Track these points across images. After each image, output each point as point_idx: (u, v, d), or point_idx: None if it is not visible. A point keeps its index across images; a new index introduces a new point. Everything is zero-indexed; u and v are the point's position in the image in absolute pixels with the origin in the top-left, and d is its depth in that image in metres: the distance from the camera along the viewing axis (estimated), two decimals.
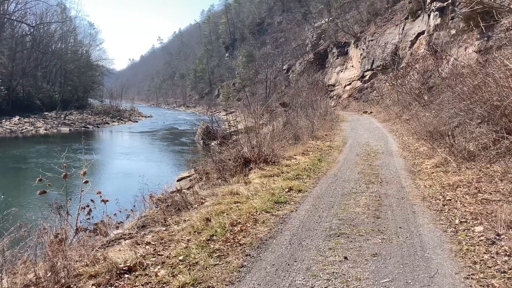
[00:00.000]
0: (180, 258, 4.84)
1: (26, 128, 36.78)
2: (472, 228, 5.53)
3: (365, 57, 38.45)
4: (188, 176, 15.33)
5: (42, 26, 53.53)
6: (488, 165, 8.40)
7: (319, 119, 21.06)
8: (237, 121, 17.72)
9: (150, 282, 4.27)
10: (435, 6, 25.58)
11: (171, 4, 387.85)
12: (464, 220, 5.91)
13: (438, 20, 25.05)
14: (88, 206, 6.59)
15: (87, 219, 6.61)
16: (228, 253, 4.97)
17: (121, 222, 8.07)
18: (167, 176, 16.09)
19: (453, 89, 12.53)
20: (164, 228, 6.23)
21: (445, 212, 6.42)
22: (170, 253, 5.02)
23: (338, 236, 5.55)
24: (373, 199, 7.46)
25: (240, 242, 5.32)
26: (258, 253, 5.01)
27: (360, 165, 10.91)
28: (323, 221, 6.21)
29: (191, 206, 7.61)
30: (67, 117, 45.18)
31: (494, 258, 4.55)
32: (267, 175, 9.61)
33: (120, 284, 4.26)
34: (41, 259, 4.87)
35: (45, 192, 6.24)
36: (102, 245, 5.84)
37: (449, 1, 23.49)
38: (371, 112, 29.86)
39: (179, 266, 4.63)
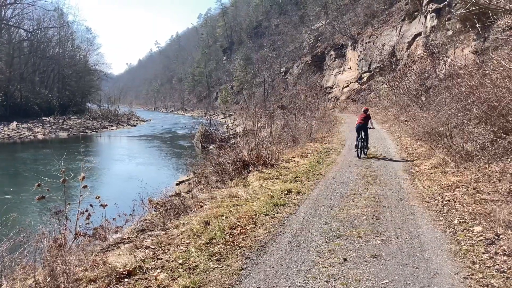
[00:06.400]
0: (180, 261, 4.83)
1: (24, 133, 36.70)
2: (471, 229, 5.54)
3: (362, 59, 38.54)
4: (187, 180, 15.32)
5: (39, 32, 53.51)
6: (486, 165, 8.43)
7: (317, 121, 21.08)
8: (235, 124, 17.72)
9: (150, 286, 4.26)
10: (431, 8, 25.67)
11: (168, 8, 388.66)
12: (463, 220, 5.93)
13: (435, 22, 25.14)
14: (87, 210, 6.59)
15: (86, 223, 6.60)
16: (227, 256, 4.97)
17: (120, 226, 8.03)
18: (166, 180, 16.08)
19: (451, 90, 12.59)
20: (164, 232, 6.21)
21: (444, 213, 6.44)
22: (169, 257, 5.01)
23: (338, 237, 5.55)
24: (372, 200, 7.47)
25: (240, 245, 5.32)
26: (258, 255, 5.00)
27: (358, 167, 10.92)
28: (322, 223, 6.22)
29: (190, 209, 7.60)
30: (65, 122, 45.03)
31: (493, 258, 4.57)
32: (266, 177, 9.62)
33: None
34: (40, 265, 4.86)
35: (44, 197, 6.22)
36: (101, 249, 5.82)
37: (446, 2, 23.58)
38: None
39: (178, 269, 4.63)
